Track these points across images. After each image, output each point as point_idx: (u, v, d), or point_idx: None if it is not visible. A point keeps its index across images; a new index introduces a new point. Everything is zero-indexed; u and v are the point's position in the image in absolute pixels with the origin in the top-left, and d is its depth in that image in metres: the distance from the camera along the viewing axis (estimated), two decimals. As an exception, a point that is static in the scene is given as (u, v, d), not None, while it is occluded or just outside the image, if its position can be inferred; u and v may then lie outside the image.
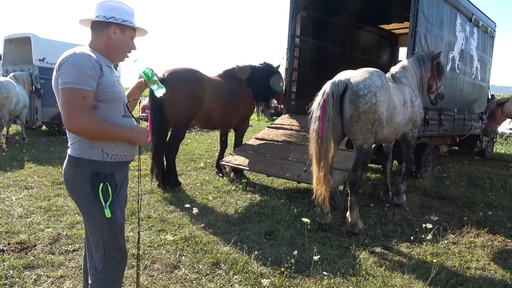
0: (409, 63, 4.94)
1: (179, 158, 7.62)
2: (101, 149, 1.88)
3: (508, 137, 14.48)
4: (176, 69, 5.45)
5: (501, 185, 6.50)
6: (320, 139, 3.67)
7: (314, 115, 3.82)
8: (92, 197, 1.87)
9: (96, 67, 1.80)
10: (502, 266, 3.40)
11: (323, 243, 3.69)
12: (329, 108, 3.71)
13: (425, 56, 5.11)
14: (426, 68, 5.07)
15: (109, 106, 1.89)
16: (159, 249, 3.37)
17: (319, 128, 3.69)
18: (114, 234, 1.95)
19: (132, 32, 2.01)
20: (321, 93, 3.84)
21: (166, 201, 4.79)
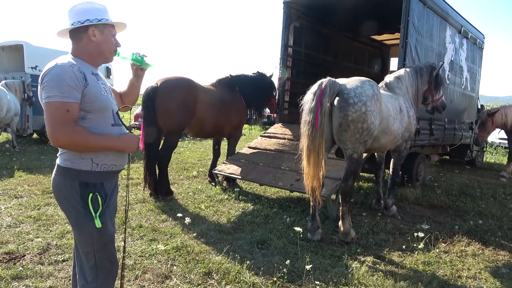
0: (405, 73, 4.92)
1: (172, 167, 7.58)
2: (90, 159, 1.85)
3: (498, 146, 14.67)
4: (169, 77, 5.45)
5: (491, 194, 6.57)
6: (315, 131, 3.53)
7: (308, 106, 3.66)
8: (82, 208, 1.84)
9: (80, 77, 1.76)
10: (493, 275, 3.42)
11: (316, 252, 3.69)
12: (325, 101, 3.61)
13: (423, 68, 5.09)
14: (423, 80, 5.07)
15: (97, 115, 1.85)
16: (151, 259, 3.33)
17: (315, 119, 3.55)
18: (104, 245, 1.92)
19: (111, 29, 1.96)
20: (318, 84, 3.73)
21: (158, 210, 4.76)
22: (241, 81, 6.30)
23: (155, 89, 5.20)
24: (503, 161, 11.21)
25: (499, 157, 12.99)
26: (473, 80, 9.02)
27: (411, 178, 6.61)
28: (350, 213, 4.03)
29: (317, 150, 3.54)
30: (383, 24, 9.10)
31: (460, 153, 9.31)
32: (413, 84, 4.91)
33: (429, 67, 5.11)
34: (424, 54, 6.42)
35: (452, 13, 7.39)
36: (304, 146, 3.64)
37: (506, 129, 8.56)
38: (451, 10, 7.34)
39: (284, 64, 7.75)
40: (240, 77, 6.34)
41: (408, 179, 6.61)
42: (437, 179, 7.62)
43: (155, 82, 5.32)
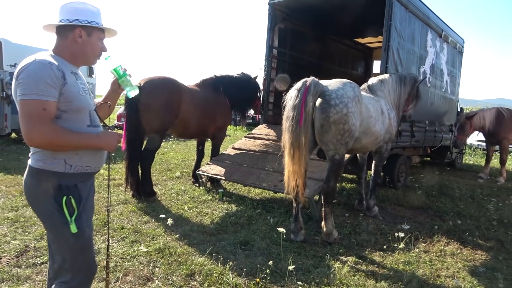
0: (389, 78, 5.02)
1: (155, 168, 7.51)
2: (63, 160, 1.78)
3: (477, 148, 15.05)
4: (153, 77, 5.40)
5: (470, 194, 6.74)
6: (300, 128, 3.53)
7: (292, 102, 3.65)
8: (57, 211, 1.77)
9: (58, 76, 1.71)
10: (470, 274, 3.50)
11: (299, 253, 3.70)
12: (309, 99, 3.62)
13: (407, 78, 5.21)
14: (405, 89, 5.19)
15: (73, 116, 1.80)
16: (132, 261, 3.29)
17: (299, 116, 3.55)
18: (81, 249, 1.86)
19: (100, 33, 1.91)
20: (302, 82, 3.73)
21: (141, 211, 4.70)
22: (226, 82, 6.29)
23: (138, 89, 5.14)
24: (481, 163, 11.49)
25: (478, 159, 13.32)
26: (453, 83, 9.24)
27: (393, 179, 6.72)
28: (332, 214, 4.07)
29: (301, 147, 3.55)
30: (366, 27, 9.23)
31: (440, 155, 9.53)
32: (396, 90, 5.01)
33: (412, 78, 5.24)
34: (406, 57, 6.54)
35: (433, 17, 7.55)
36: (287, 142, 3.62)
37: (484, 132, 8.77)
38: (432, 15, 7.50)
39: (269, 65, 7.77)
40: (224, 78, 6.33)
41: (390, 180, 6.72)
42: (418, 180, 7.76)
43: (139, 82, 5.25)
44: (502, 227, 4.94)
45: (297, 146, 3.53)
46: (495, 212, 5.58)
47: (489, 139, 8.85)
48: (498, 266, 3.70)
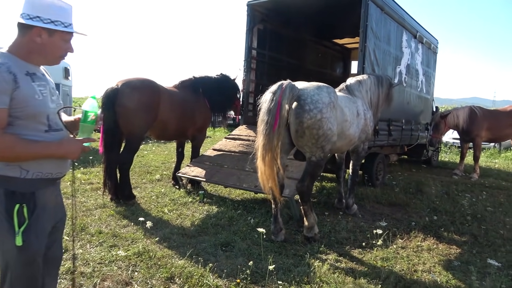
0: (368, 79, 5.11)
1: (134, 171, 7.40)
2: (18, 166, 1.64)
3: (452, 146, 15.50)
4: (130, 79, 5.32)
5: (445, 191, 6.92)
6: (273, 132, 3.51)
7: (267, 105, 3.62)
8: (5, 220, 1.62)
9: (8, 79, 1.55)
10: (446, 268, 3.59)
11: (279, 253, 3.72)
12: (284, 103, 3.62)
13: (384, 79, 5.34)
14: (382, 91, 5.31)
15: (27, 122, 1.65)
16: (110, 266, 3.23)
17: (274, 120, 3.53)
18: (24, 265, 1.68)
19: (64, 34, 1.72)
20: (278, 85, 3.71)
21: (119, 215, 4.62)
22: (205, 83, 6.25)
23: (115, 91, 5.05)
24: (456, 160, 11.82)
25: (453, 156, 13.71)
26: (428, 83, 9.48)
27: (371, 178, 6.85)
28: (312, 210, 4.10)
29: (273, 151, 3.53)
30: (344, 28, 9.37)
31: (417, 153, 9.76)
32: (375, 91, 5.11)
33: (387, 80, 5.36)
34: (382, 58, 6.67)
35: (408, 19, 7.73)
36: (260, 145, 3.60)
37: (458, 130, 9.04)
38: (407, 16, 7.68)
39: (248, 66, 7.78)
40: (203, 79, 6.29)
41: (369, 178, 6.84)
42: (396, 178, 7.93)
43: (116, 84, 5.17)
44: (476, 221, 5.09)
45: (269, 148, 3.52)
46: (469, 208, 5.74)
47: (463, 137, 9.12)
48: (472, 260, 3.81)
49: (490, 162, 12.83)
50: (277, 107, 3.57)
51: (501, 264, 3.65)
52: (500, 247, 4.20)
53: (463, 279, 3.33)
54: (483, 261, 3.77)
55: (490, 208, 5.74)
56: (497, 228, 4.87)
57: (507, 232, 4.70)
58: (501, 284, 3.17)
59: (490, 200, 6.45)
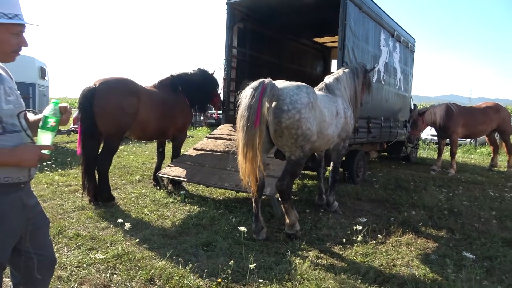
0: (343, 75, 5.14)
1: (114, 172, 7.28)
2: None
3: (430, 142, 15.85)
4: (108, 78, 5.22)
5: (423, 186, 7.07)
6: (254, 129, 3.48)
7: (248, 101, 3.57)
8: None
9: None
10: (423, 262, 3.67)
11: (261, 251, 3.72)
12: (265, 100, 3.60)
13: (359, 69, 5.37)
14: (359, 81, 5.36)
15: None
16: (88, 269, 3.16)
17: (255, 116, 3.50)
18: None
19: (10, 26, 1.56)
20: (259, 82, 3.69)
21: (98, 217, 4.53)
22: (183, 80, 6.17)
23: (93, 90, 4.95)
24: (434, 156, 12.10)
25: (431, 152, 14.03)
26: (406, 81, 9.66)
27: (351, 175, 6.93)
28: (293, 207, 4.11)
29: (255, 147, 3.51)
30: (323, 27, 9.45)
31: (396, 150, 9.94)
32: (351, 85, 5.16)
33: (362, 67, 5.40)
34: (360, 56, 6.75)
35: (386, 18, 7.86)
36: (241, 141, 3.57)
37: (436, 127, 9.24)
38: (385, 15, 7.80)
39: (228, 65, 7.76)
40: (181, 76, 6.20)
41: (349, 175, 6.93)
42: (376, 175, 8.05)
43: (93, 83, 5.06)
44: (453, 215, 5.22)
45: (251, 146, 3.49)
46: (446, 202, 5.88)
47: (440, 134, 9.33)
48: (448, 253, 3.90)
49: (467, 158, 13.19)
50: (258, 103, 3.54)
51: (476, 256, 3.75)
52: (475, 240, 4.32)
53: (440, 272, 3.41)
54: (459, 254, 3.86)
55: (466, 203, 5.89)
56: (472, 221, 5.00)
57: (482, 225, 4.83)
58: (475, 276, 3.25)
59: (466, 194, 6.62)
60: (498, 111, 9.55)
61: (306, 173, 7.91)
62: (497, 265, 3.60)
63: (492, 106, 9.73)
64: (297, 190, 6.58)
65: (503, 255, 3.83)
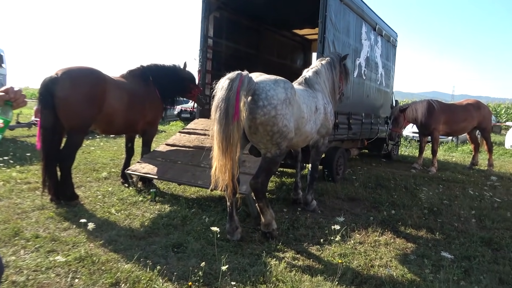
0: (322, 68, 5.17)
1: (79, 168, 7.10)
2: None
3: (412, 140, 16.24)
4: (72, 67, 5.05)
5: (404, 185, 7.24)
6: (233, 123, 3.43)
7: (224, 93, 3.49)
8: None
9: None
10: (402, 262, 3.75)
11: (235, 252, 3.71)
12: (242, 93, 3.56)
13: (335, 59, 5.42)
14: (337, 71, 5.41)
15: None
16: (47, 273, 3.07)
17: (233, 109, 3.43)
18: None
19: None
20: (236, 73, 3.61)
21: (60, 217, 4.40)
22: (154, 71, 6.05)
23: (54, 80, 4.78)
24: (415, 154, 12.39)
25: (413, 150, 14.37)
26: (388, 76, 9.85)
27: (331, 172, 7.01)
28: (269, 206, 4.11)
29: (234, 143, 3.47)
30: (303, 18, 9.49)
31: (377, 147, 10.14)
32: (329, 78, 5.20)
33: (337, 56, 5.47)
34: (341, 50, 6.82)
35: (367, 10, 7.96)
36: (217, 135, 3.49)
37: (417, 124, 9.47)
38: (366, 8, 7.91)
39: (204, 56, 7.69)
40: (152, 67, 6.09)
41: (329, 173, 7.00)
42: (356, 172, 8.18)
43: (55, 72, 4.89)
44: (432, 215, 5.37)
45: (229, 140, 3.45)
46: (426, 201, 6.04)
47: (422, 131, 9.58)
48: (427, 253, 4.00)
49: (448, 156, 13.59)
50: (236, 95, 3.49)
51: (454, 256, 3.87)
52: (454, 239, 4.46)
53: (418, 273, 3.49)
54: (438, 254, 3.97)
55: (446, 201, 6.07)
56: (452, 221, 5.16)
57: (462, 225, 4.99)
58: (453, 276, 3.36)
59: (446, 193, 6.83)
60: (479, 109, 9.87)
61: (284, 171, 7.95)
62: (475, 265, 3.73)
63: (473, 103, 10.05)
64: (275, 188, 6.60)
65: (481, 255, 3.97)
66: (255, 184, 3.95)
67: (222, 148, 3.48)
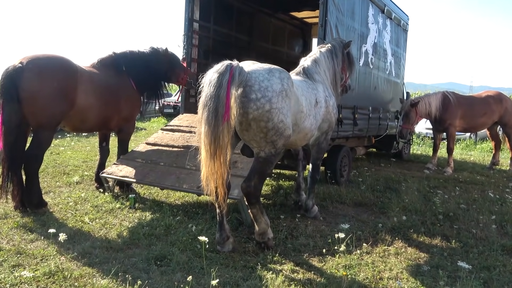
0: (321, 56, 5.21)
1: (47, 171, 7.09)
2: None
3: (425, 137, 16.37)
4: (39, 55, 5.05)
5: (416, 187, 7.32)
6: (224, 124, 3.47)
7: (213, 90, 3.51)
8: None
9: None
10: (414, 274, 3.81)
11: (226, 265, 3.75)
12: (233, 89, 3.57)
13: (337, 46, 5.44)
14: (339, 60, 5.44)
15: None
16: (13, 290, 3.08)
17: (223, 109, 3.47)
18: None
19: None
20: (225, 65, 3.62)
21: (26, 228, 4.41)
22: (129, 59, 6.03)
23: (19, 70, 4.76)
24: (429, 153, 12.51)
25: (426, 148, 14.52)
26: (398, 65, 9.92)
27: (335, 174, 7.07)
28: (263, 213, 4.15)
29: (224, 145, 3.51)
30: (302, -1, 9.54)
31: (386, 145, 10.19)
32: (330, 67, 5.23)
33: (340, 43, 5.49)
34: (345, 35, 6.88)
35: (375, -10, 8.03)
36: (205, 137, 3.53)
37: (431, 119, 9.55)
38: (373, -13, 7.97)
39: (189, 42, 7.69)
40: (126, 54, 6.05)
41: (332, 175, 7.06)
42: (362, 174, 8.25)
43: (19, 61, 4.87)
44: (448, 220, 5.44)
45: (219, 143, 3.48)
46: (441, 205, 6.12)
47: (436, 126, 9.66)
48: (442, 263, 4.07)
49: (465, 155, 13.74)
50: (227, 92, 3.51)
51: (472, 266, 3.94)
52: (472, 248, 4.53)
53: (432, 285, 3.56)
54: (454, 264, 4.04)
55: (463, 206, 6.15)
56: (469, 227, 5.24)
57: (480, 232, 5.06)
58: (471, 288, 3.42)
59: (463, 196, 6.92)
60: (501, 101, 9.96)
61: (282, 173, 8.00)
62: (495, 276, 3.80)
63: (494, 95, 10.13)
64: (271, 192, 6.65)
65: (502, 265, 4.04)
66: (247, 188, 3.97)
67: (211, 151, 3.50)
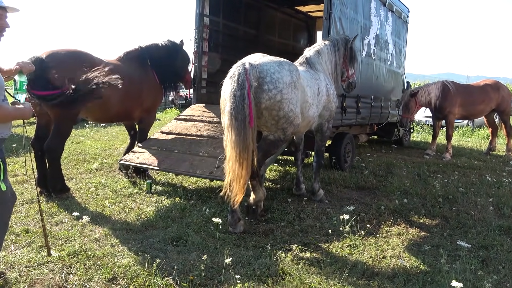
0: (324, 47, 5.18)
1: (68, 159, 7.15)
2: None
3: (424, 124, 16.24)
4: (58, 50, 5.04)
5: (416, 172, 7.28)
6: (249, 130, 3.58)
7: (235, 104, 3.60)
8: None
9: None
10: (415, 253, 3.80)
11: (238, 245, 3.77)
12: (252, 94, 3.66)
13: (340, 41, 5.40)
14: (340, 54, 5.40)
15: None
16: (40, 269, 3.12)
17: (248, 115, 3.58)
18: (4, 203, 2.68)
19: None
20: (238, 72, 3.66)
21: (51, 211, 4.46)
22: (153, 53, 6.04)
23: (39, 63, 4.74)
24: (429, 139, 12.40)
25: (425, 135, 14.40)
26: (399, 56, 9.80)
27: (339, 160, 7.05)
28: (262, 185, 4.27)
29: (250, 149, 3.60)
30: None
31: (387, 132, 10.14)
32: (332, 59, 5.21)
33: (344, 39, 5.46)
34: (349, 27, 6.79)
35: (377, -17, 7.90)
36: (233, 145, 3.58)
37: (431, 107, 9.44)
38: (375, -20, 7.84)
39: (200, 36, 7.64)
40: (151, 48, 6.06)
41: (336, 161, 7.04)
42: (365, 160, 8.21)
43: (40, 54, 4.86)
44: (447, 203, 5.41)
45: (246, 150, 3.57)
46: (441, 189, 6.09)
47: (436, 114, 9.55)
48: (442, 243, 4.06)
49: (463, 141, 13.62)
50: (249, 101, 3.60)
51: (471, 245, 3.92)
52: (471, 228, 4.50)
53: (433, 263, 3.54)
54: (453, 243, 4.03)
55: (461, 189, 6.11)
56: (468, 209, 5.20)
57: (478, 213, 5.03)
58: (470, 266, 3.40)
59: (462, 180, 6.86)
60: (498, 89, 9.83)
61: (289, 159, 7.99)
62: (493, 255, 3.78)
63: (491, 83, 10.00)
64: (279, 178, 6.64)
65: (499, 244, 4.01)
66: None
67: (241, 160, 3.57)
